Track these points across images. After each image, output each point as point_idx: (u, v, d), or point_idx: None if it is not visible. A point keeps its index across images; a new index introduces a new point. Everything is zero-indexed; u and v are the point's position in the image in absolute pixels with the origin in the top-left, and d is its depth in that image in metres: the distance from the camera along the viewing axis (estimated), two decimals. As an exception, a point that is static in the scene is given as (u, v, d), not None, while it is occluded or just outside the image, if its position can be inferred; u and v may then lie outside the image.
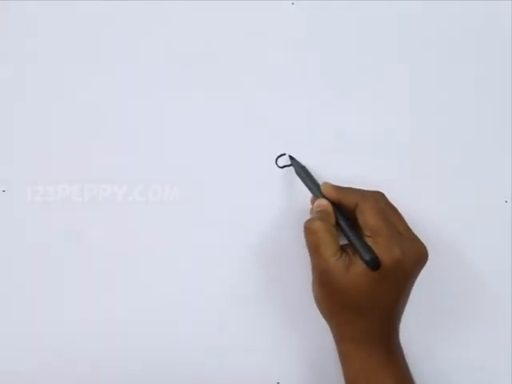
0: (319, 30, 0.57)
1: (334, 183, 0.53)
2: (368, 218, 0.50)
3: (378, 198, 0.51)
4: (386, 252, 0.48)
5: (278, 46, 0.57)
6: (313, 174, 0.55)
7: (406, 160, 0.57)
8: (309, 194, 0.54)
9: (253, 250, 0.56)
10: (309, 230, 0.51)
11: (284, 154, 0.56)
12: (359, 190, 0.53)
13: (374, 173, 0.56)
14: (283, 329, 0.57)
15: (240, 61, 0.56)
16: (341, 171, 0.56)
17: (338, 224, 0.52)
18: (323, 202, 0.52)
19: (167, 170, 0.56)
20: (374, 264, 0.48)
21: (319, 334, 0.56)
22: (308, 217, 0.52)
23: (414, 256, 0.50)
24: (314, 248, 0.51)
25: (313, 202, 0.54)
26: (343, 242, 0.52)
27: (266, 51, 0.57)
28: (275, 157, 0.56)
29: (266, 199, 0.56)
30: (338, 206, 0.52)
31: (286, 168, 0.56)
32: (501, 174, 0.57)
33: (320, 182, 0.54)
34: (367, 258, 0.49)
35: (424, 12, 0.57)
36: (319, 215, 0.52)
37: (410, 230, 0.51)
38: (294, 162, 0.55)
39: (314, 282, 0.52)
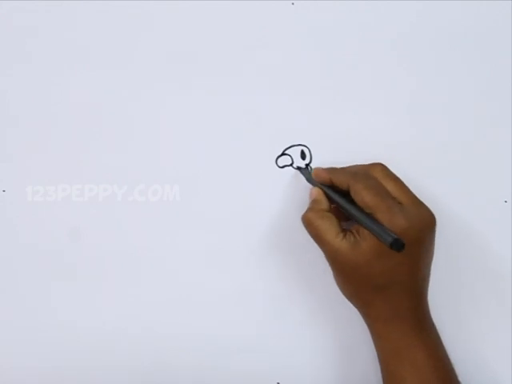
0: (319, 30, 0.57)
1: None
2: (362, 197, 0.49)
3: (370, 175, 0.51)
4: (388, 225, 0.47)
5: (278, 46, 0.57)
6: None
7: (405, 160, 0.57)
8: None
9: (253, 250, 0.56)
10: (305, 223, 0.52)
11: (284, 154, 0.56)
12: (352, 169, 0.53)
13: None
14: (283, 329, 0.57)
15: (240, 61, 0.56)
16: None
17: (349, 212, 0.50)
18: (314, 190, 0.53)
19: (167, 170, 0.56)
20: (398, 245, 0.46)
21: (320, 333, 0.56)
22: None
23: (420, 222, 0.49)
24: (316, 238, 0.51)
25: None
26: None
27: (266, 51, 0.56)
28: (275, 157, 0.56)
29: (266, 199, 0.56)
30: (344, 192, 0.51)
31: (286, 168, 0.56)
32: (501, 174, 0.57)
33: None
34: (389, 240, 0.46)
35: (424, 12, 0.57)
36: (310, 205, 0.52)
37: (413, 196, 0.50)
38: (302, 171, 0.56)
39: (332, 272, 0.52)
